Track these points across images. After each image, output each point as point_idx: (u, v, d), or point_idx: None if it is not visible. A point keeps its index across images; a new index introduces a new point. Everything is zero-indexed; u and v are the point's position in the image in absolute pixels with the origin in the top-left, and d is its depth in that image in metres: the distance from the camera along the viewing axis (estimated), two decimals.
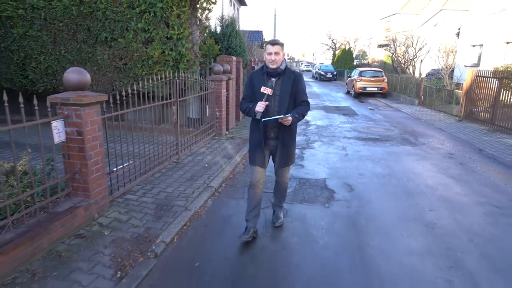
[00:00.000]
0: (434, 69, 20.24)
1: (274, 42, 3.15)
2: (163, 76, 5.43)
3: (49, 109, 3.17)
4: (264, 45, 2.85)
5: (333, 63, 40.61)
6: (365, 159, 6.31)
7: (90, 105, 3.42)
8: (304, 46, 75.04)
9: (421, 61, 20.01)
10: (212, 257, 3.13)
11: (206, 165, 5.70)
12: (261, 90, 3.13)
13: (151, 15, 7.03)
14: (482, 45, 18.43)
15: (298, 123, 3.35)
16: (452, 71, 18.86)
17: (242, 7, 32.48)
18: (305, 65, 62.55)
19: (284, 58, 3.23)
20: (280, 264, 3.01)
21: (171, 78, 5.58)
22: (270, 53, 3.09)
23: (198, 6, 7.57)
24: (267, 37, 41.93)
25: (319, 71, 34.51)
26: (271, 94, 3.13)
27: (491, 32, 17.24)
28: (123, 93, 4.12)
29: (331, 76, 33.34)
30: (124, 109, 4.23)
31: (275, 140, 3.29)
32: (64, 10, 7.37)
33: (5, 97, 2.66)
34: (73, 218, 3.31)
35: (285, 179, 3.59)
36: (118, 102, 4.06)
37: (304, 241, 3.37)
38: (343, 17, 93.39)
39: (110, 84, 7.64)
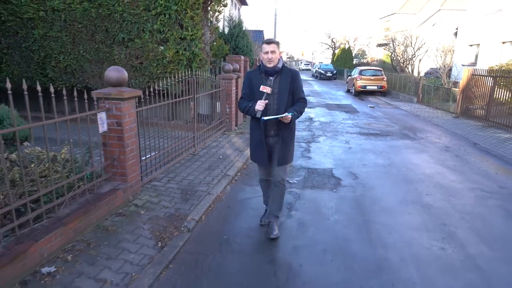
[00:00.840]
0: (432, 68, 20.73)
1: (270, 41, 3.18)
2: (181, 74, 5.88)
3: (86, 101, 3.63)
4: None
5: (332, 62, 41.06)
6: (368, 152, 6.79)
7: (128, 99, 3.89)
8: (303, 45, 75.48)
9: (420, 60, 20.49)
10: (237, 231, 3.60)
11: (221, 156, 6.16)
12: (260, 89, 3.16)
13: (166, 17, 7.48)
14: (479, 44, 18.90)
15: (302, 120, 3.73)
16: (450, 70, 19.34)
17: (243, 6, 32.90)
18: (304, 64, 63.01)
19: (281, 57, 3.26)
20: (298, 235, 3.48)
21: (189, 76, 6.04)
22: (266, 52, 3.11)
23: (209, 8, 8.02)
24: (268, 36, 42.35)
25: (319, 70, 34.97)
26: (270, 92, 3.15)
27: (488, 32, 17.72)
28: (151, 90, 4.58)
29: (331, 75, 33.80)
30: (145, 106, 4.65)
31: (275, 138, 3.32)
32: (84, 12, 7.82)
33: (51, 89, 3.08)
34: (114, 199, 3.77)
35: (282, 180, 3.45)
36: (147, 98, 4.52)
37: (317, 218, 3.85)
38: (342, 17, 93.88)
39: (128, 83, 8.08)
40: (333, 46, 46.61)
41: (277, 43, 3.17)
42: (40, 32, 8.16)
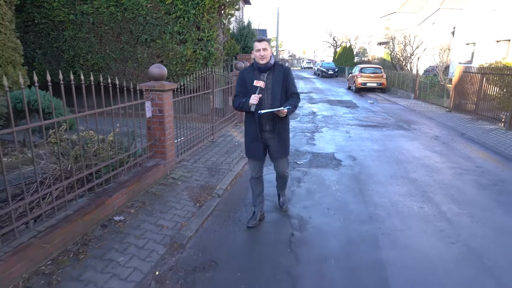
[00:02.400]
0: (431, 66, 21.54)
1: (261, 39, 3.32)
2: (202, 72, 6.75)
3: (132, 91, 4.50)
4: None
5: (334, 60, 41.84)
6: (365, 140, 7.66)
7: (168, 91, 4.77)
8: (305, 43, 76.15)
9: (418, 58, 21.30)
10: None
11: (236, 143, 7.04)
12: (254, 84, 3.29)
13: (185, 20, 8.36)
14: (475, 43, 19.71)
15: (306, 114, 4.45)
16: (447, 67, 20.15)
17: (246, 6, 33.69)
18: (306, 62, 63.79)
19: (272, 54, 3.39)
20: (307, 199, 4.37)
21: (209, 73, 6.91)
22: (258, 50, 3.24)
23: (223, 12, 8.88)
24: (270, 35, 42.97)
25: (321, 68, 35.78)
26: (263, 87, 3.27)
27: (483, 31, 18.51)
28: (181, 84, 5.46)
29: (332, 72, 34.60)
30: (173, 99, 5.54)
31: (270, 133, 3.44)
32: (110, 16, 8.70)
33: (117, 81, 3.96)
34: (157, 172, 4.66)
35: (285, 171, 3.72)
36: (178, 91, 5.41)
37: (322, 187, 4.74)
38: (344, 15, 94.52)
39: (148, 79, 8.95)
40: (335, 45, 47.38)
41: (268, 41, 3.35)
42: (70, 33, 9.05)
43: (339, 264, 2.98)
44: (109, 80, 3.91)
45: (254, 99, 3.21)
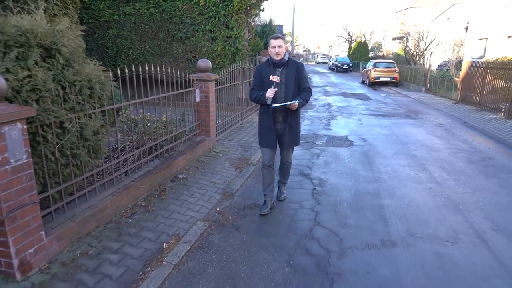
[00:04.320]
0: (445, 61, 22.15)
1: (276, 37, 3.52)
2: (234, 66, 7.85)
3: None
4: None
5: (349, 55, 42.41)
6: (375, 126, 8.66)
7: (212, 80, 5.89)
8: (320, 38, 76.41)
9: (431, 53, 21.92)
10: None
11: None
12: (270, 79, 3.51)
13: (216, 20, 9.47)
14: (487, 38, 20.22)
15: (322, 105, 5.26)
16: (460, 62, 20.74)
17: (264, 2, 34.61)
18: (321, 57, 64.19)
19: (287, 50, 3.59)
20: (324, 167, 5.44)
21: (239, 67, 8.01)
22: (274, 47, 3.47)
23: (249, 13, 9.95)
24: (286, 30, 43.66)
25: (336, 63, 36.49)
26: (279, 81, 3.51)
27: (496, 27, 19.03)
28: (220, 76, 6.57)
29: (347, 67, 35.27)
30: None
31: (282, 123, 3.66)
32: (150, 16, 9.88)
33: (181, 74, 5.09)
34: (203, 146, 5.80)
35: (289, 160, 4.04)
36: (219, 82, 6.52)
37: (337, 160, 5.80)
38: (359, 10, 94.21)
39: (182, 72, 10.14)
40: (350, 40, 47.83)
41: (283, 38, 3.55)
42: (114, 31, 10.27)
43: (349, 206, 4.06)
44: (162, 71, 5.05)
45: (270, 92, 3.45)
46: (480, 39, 21.37)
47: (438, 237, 3.38)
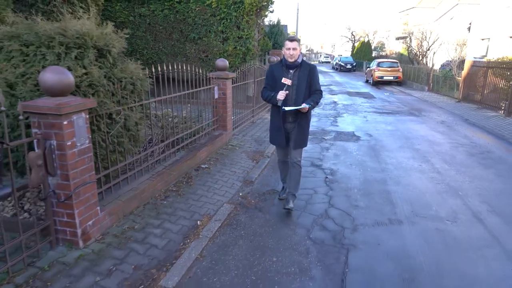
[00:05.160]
0: (448, 61, 22.50)
1: (292, 39, 3.54)
2: (247, 65, 8.28)
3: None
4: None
5: (352, 54, 42.74)
6: (380, 123, 9.08)
7: (229, 78, 6.33)
8: (323, 38, 76.76)
9: (434, 53, 22.28)
10: None
11: None
12: (282, 81, 3.53)
13: (228, 21, 9.90)
14: (489, 38, 20.58)
15: (328, 103, 5.49)
16: (463, 62, 21.09)
17: None
18: (324, 57, 64.60)
19: (301, 52, 3.63)
20: (334, 159, 5.86)
21: (251, 66, 8.44)
22: (289, 49, 3.48)
23: (259, 14, 10.38)
24: (290, 30, 44.08)
25: (339, 62, 36.85)
26: (290, 84, 3.54)
27: (498, 27, 19.39)
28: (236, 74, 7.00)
29: (350, 67, 35.63)
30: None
31: (292, 124, 3.70)
32: (164, 17, 10.32)
33: (197, 71, 5.52)
34: (221, 139, 6.24)
35: (299, 161, 3.87)
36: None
37: (345, 153, 6.23)
38: (362, 10, 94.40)
39: (202, 71, 10.59)
40: (353, 39, 48.17)
41: (298, 41, 3.59)
42: (129, 32, 10.69)
43: (359, 192, 4.49)
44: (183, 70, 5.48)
45: (281, 95, 3.50)
46: (483, 39, 21.72)
47: (439, 217, 3.80)
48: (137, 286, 2.60)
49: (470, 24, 23.72)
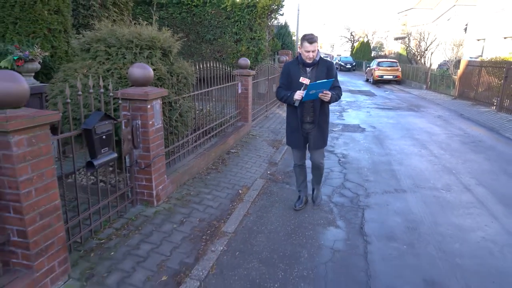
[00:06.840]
0: (445, 60, 23.39)
1: (312, 40, 3.33)
2: (261, 65, 9.08)
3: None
4: (301, 40, 3.51)
5: (352, 54, 43.63)
6: (382, 117, 9.92)
7: (251, 76, 7.15)
8: (322, 37, 77.55)
9: (432, 53, 23.16)
10: None
11: (285, 118, 9.38)
12: (300, 80, 3.35)
13: (241, 23, 10.72)
14: (485, 39, 21.46)
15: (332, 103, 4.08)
16: (459, 62, 21.97)
17: None
18: (323, 57, 65.35)
19: (318, 50, 3.44)
20: (344, 146, 6.69)
21: (265, 64, 9.26)
22: (308, 51, 3.35)
23: (270, 17, 11.20)
24: (290, 30, 44.59)
25: (339, 62, 37.70)
26: (308, 84, 3.30)
27: (493, 28, 20.26)
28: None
29: (350, 66, 36.50)
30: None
31: (311, 124, 3.56)
32: (182, 20, 11.12)
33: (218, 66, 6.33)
34: (243, 130, 7.05)
35: (321, 162, 3.77)
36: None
37: (353, 141, 7.07)
38: (361, 11, 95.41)
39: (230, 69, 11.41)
40: (352, 39, 49.04)
41: (317, 41, 3.39)
42: (181, 36, 11.49)
43: (369, 170, 5.31)
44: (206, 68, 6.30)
45: (299, 95, 3.32)
46: (478, 40, 22.61)
47: (436, 187, 4.64)
48: (205, 231, 3.42)
49: (466, 25, 24.63)
